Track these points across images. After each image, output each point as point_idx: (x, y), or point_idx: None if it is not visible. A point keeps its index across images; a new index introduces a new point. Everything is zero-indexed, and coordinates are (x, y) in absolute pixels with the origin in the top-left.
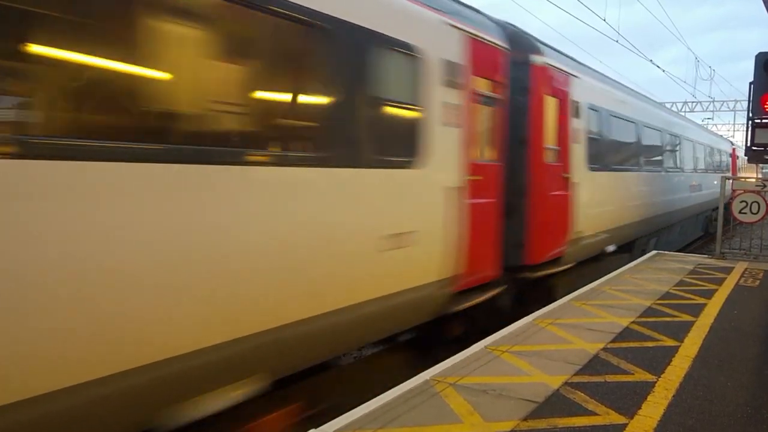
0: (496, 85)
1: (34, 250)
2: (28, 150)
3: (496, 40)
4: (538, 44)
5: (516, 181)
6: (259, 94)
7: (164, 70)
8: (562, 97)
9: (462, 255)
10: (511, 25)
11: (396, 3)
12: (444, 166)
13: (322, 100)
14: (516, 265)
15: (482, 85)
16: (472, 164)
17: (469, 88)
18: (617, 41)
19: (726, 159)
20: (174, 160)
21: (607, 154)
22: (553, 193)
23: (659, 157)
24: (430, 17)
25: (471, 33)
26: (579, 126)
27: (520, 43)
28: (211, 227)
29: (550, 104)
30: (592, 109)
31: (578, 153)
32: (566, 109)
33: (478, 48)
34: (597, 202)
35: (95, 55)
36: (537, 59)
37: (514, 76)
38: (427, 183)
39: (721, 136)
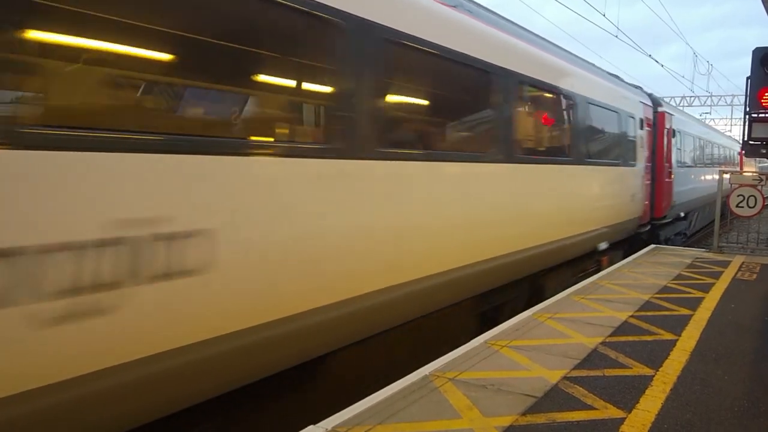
0: (649, 125)
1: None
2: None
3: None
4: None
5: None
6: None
7: None
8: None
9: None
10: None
11: (629, 96)
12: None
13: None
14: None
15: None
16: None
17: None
18: (616, 36)
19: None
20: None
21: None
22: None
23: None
24: (636, 99)
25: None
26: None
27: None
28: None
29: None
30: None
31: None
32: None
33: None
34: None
35: None
36: (660, 109)
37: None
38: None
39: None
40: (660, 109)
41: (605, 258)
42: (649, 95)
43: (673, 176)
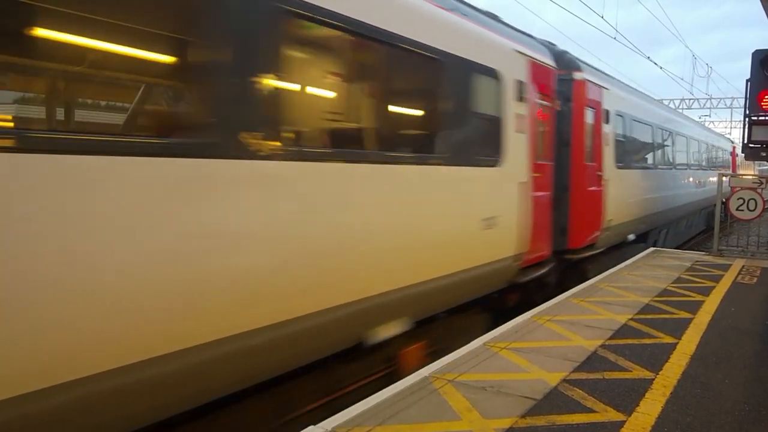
0: (548, 97)
1: None
2: None
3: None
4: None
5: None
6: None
7: None
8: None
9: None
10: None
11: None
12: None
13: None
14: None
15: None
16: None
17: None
18: (615, 38)
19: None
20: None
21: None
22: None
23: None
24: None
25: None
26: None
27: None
28: None
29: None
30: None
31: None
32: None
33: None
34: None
35: None
36: (578, 75)
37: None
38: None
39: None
40: (577, 76)
41: (415, 348)
42: (560, 54)
43: (606, 182)
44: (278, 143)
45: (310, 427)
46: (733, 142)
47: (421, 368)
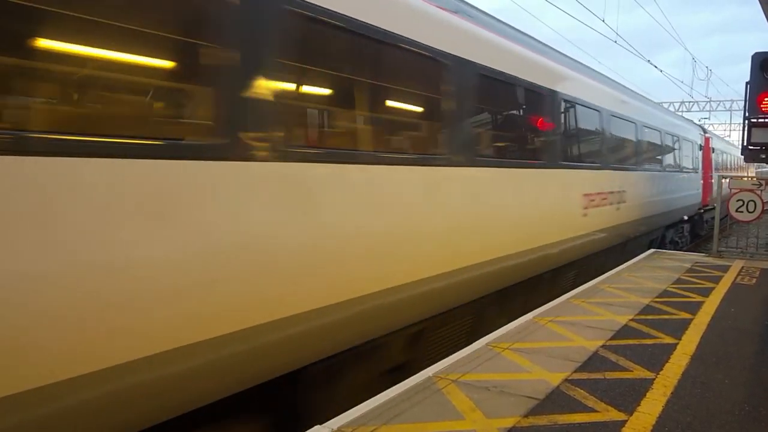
0: None
1: None
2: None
3: None
4: None
5: None
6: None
7: None
8: None
9: None
10: None
11: None
12: None
13: None
14: None
15: None
16: None
17: None
18: (616, 42)
19: None
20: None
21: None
22: None
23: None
24: None
25: None
26: None
27: None
28: None
29: None
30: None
31: None
32: None
33: None
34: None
35: None
36: None
37: None
38: None
39: None
40: None
41: None
42: None
43: None
44: None
45: (316, 427)
46: (705, 132)
47: (426, 368)
